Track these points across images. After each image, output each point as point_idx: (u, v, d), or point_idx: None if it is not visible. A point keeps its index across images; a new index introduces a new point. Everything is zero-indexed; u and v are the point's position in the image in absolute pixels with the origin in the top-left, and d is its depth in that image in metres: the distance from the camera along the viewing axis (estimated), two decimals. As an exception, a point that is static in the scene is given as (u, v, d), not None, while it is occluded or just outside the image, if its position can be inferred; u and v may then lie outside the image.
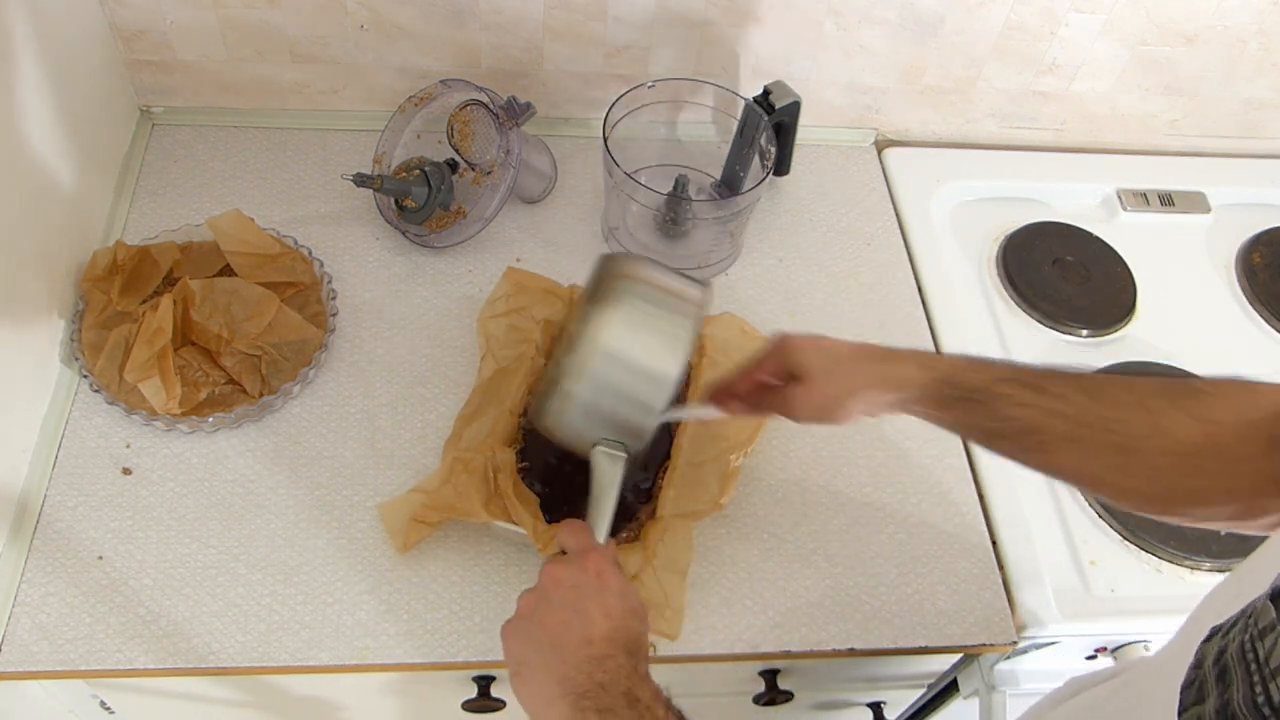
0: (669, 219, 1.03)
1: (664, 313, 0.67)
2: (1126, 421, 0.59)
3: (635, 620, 0.59)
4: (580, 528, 0.64)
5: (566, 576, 0.60)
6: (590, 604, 0.58)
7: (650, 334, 0.66)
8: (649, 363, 0.65)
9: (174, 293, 0.88)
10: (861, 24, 1.07)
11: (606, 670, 0.56)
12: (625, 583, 0.61)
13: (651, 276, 0.69)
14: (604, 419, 0.66)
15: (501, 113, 0.97)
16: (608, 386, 0.65)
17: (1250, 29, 1.11)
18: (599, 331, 0.65)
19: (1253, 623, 0.38)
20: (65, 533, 0.81)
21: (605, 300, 0.66)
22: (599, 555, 0.61)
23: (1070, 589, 0.87)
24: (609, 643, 0.57)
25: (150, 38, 1.02)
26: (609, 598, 0.59)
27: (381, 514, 0.82)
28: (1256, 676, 0.36)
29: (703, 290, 0.70)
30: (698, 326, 0.68)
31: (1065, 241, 1.13)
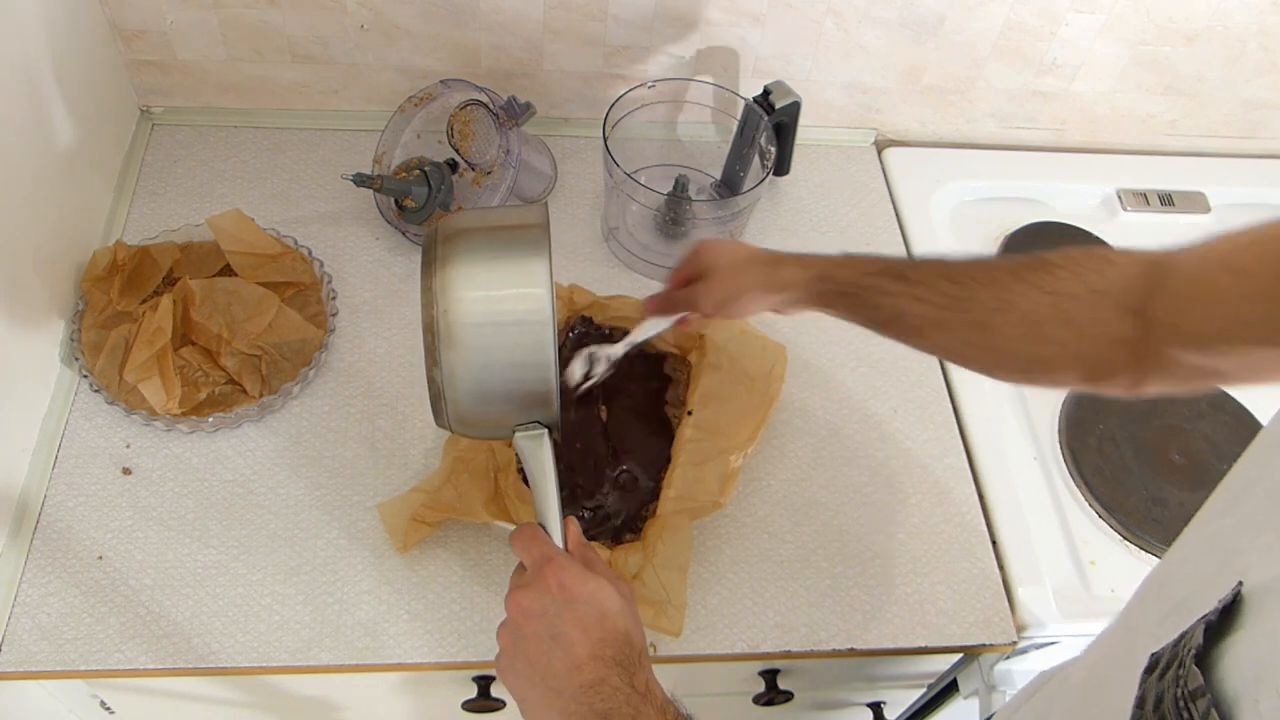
0: (669, 219, 1.03)
1: (501, 257, 0.58)
2: (978, 299, 0.64)
3: (618, 621, 0.56)
4: (529, 536, 0.59)
5: (531, 603, 0.56)
6: (564, 625, 0.55)
7: (496, 285, 0.57)
8: (509, 314, 0.57)
9: (174, 293, 0.88)
10: (861, 24, 1.07)
11: (604, 697, 0.54)
12: (592, 583, 0.57)
13: (471, 224, 0.60)
14: (498, 397, 0.58)
15: (501, 113, 0.97)
16: (478, 362, 0.57)
17: (1250, 29, 1.11)
18: (440, 309, 0.56)
19: (1183, 679, 0.37)
20: (65, 533, 0.81)
21: (432, 272, 0.57)
22: (555, 566, 0.57)
23: (1070, 589, 0.87)
24: (597, 662, 0.55)
25: (150, 38, 1.03)
26: (580, 609, 0.56)
27: (381, 513, 0.82)
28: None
29: (538, 210, 0.61)
30: (542, 250, 0.58)
31: (1065, 242, 1.13)
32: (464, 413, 0.59)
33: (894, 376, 0.98)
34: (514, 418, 0.60)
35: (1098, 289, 0.60)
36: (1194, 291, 0.56)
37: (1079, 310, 0.60)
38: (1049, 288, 0.61)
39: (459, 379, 0.57)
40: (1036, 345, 0.63)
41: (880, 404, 0.96)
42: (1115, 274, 0.60)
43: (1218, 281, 0.55)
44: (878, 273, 0.70)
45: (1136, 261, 0.60)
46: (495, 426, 0.61)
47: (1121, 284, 0.60)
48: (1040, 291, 0.62)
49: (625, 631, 0.56)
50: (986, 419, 0.97)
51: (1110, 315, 0.60)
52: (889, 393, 0.97)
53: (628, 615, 0.57)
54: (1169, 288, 0.57)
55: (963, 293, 0.65)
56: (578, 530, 0.61)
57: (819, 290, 0.73)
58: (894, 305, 0.69)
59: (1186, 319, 0.56)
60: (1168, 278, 0.58)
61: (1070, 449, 0.95)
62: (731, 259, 0.77)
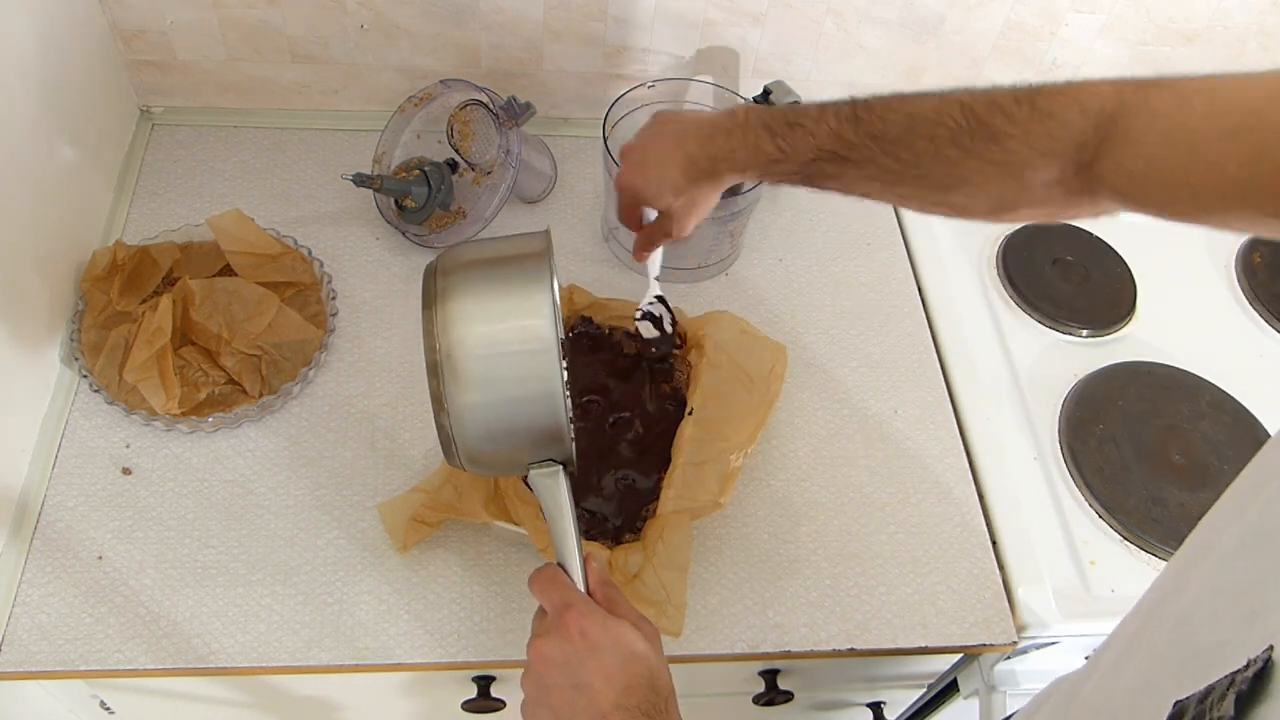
0: (669, 219, 1.03)
1: (501, 293, 0.57)
2: (928, 175, 0.64)
3: (642, 666, 0.55)
4: (549, 579, 0.58)
5: (553, 652, 0.56)
6: (587, 674, 0.54)
7: (497, 320, 0.56)
8: (513, 351, 0.56)
9: (174, 293, 0.88)
10: (861, 24, 1.07)
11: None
12: (615, 629, 0.56)
13: (469, 257, 0.59)
14: (508, 436, 0.57)
15: (501, 113, 0.97)
16: (483, 401, 0.56)
17: (1250, 29, 1.11)
18: (443, 351, 0.55)
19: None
20: (65, 533, 0.81)
21: (432, 311, 0.57)
22: (576, 613, 0.56)
23: (1070, 589, 0.87)
24: (622, 712, 0.54)
25: (150, 38, 1.03)
26: (603, 658, 0.55)
27: (381, 513, 0.82)
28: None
29: (539, 238, 0.60)
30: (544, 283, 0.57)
31: (1065, 241, 1.13)
32: (474, 453, 0.58)
33: (894, 376, 0.98)
34: (526, 456, 0.59)
35: (1048, 151, 0.59)
36: (1153, 171, 0.55)
37: (1030, 174, 0.60)
38: (999, 158, 0.61)
39: (466, 421, 0.56)
40: (994, 209, 0.64)
41: (880, 404, 0.96)
42: (1065, 135, 0.58)
43: (1186, 168, 0.53)
44: (814, 159, 0.68)
45: (1087, 113, 0.58)
46: (508, 465, 0.60)
47: (1073, 144, 0.58)
48: (990, 164, 0.61)
49: (650, 677, 0.55)
50: (986, 419, 0.97)
51: (1057, 173, 0.59)
52: (889, 393, 0.97)
53: (652, 658, 0.56)
54: (1124, 156, 0.56)
55: (909, 170, 0.65)
56: (599, 569, 0.60)
57: (761, 178, 0.73)
58: (841, 186, 0.69)
59: (1140, 192, 0.56)
60: (1124, 145, 0.56)
61: (1070, 449, 0.95)
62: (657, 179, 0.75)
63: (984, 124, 0.61)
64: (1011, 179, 0.61)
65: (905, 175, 0.65)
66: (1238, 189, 0.50)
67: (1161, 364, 1.02)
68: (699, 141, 0.73)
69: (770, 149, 0.70)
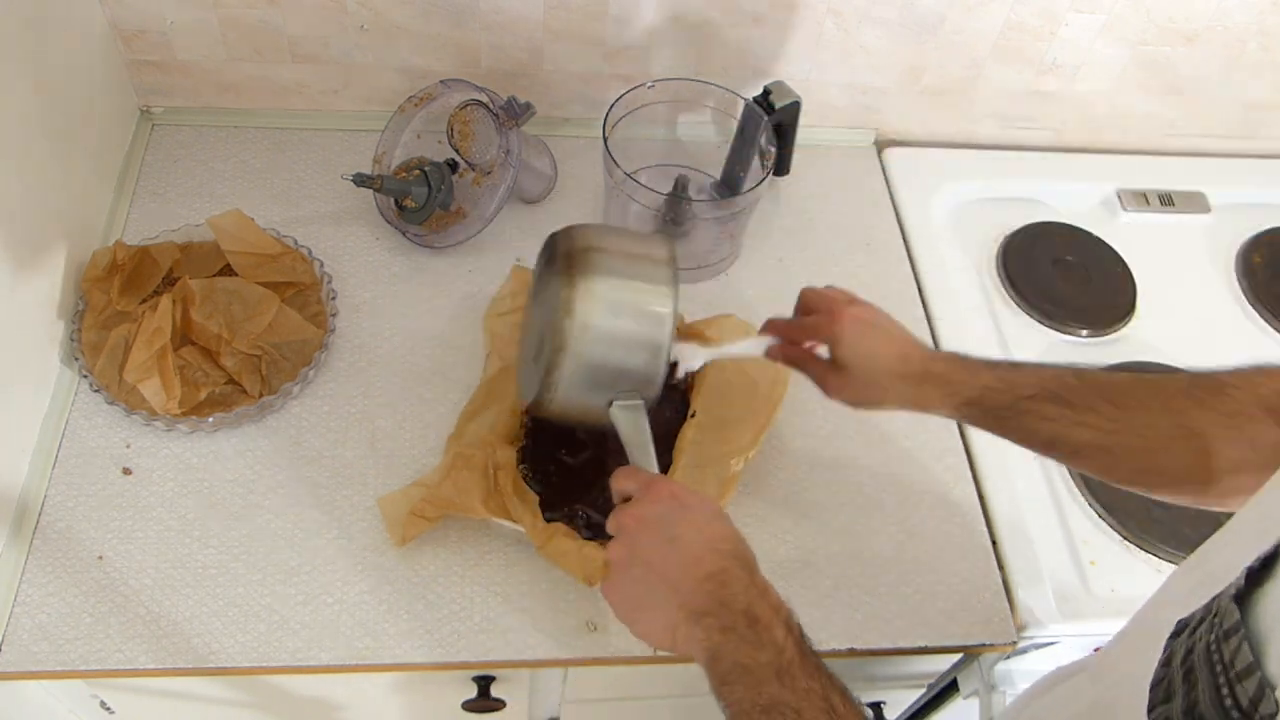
0: (669, 219, 1.03)
1: (641, 278, 0.68)
2: (1154, 426, 0.62)
3: (728, 526, 0.60)
4: (632, 470, 0.65)
5: (647, 512, 0.60)
6: (680, 528, 0.59)
7: (635, 306, 0.67)
8: (643, 333, 0.67)
9: (174, 292, 0.88)
10: (861, 24, 1.07)
11: (725, 585, 0.57)
12: (704, 497, 0.62)
13: (609, 242, 0.69)
14: (607, 384, 0.67)
15: (501, 113, 0.97)
16: (598, 359, 0.66)
17: (1250, 29, 1.11)
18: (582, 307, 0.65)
19: (1218, 623, 0.38)
20: (65, 533, 0.81)
21: (580, 272, 0.66)
22: (664, 482, 0.62)
23: (1070, 589, 0.87)
24: (717, 554, 0.58)
25: (150, 38, 1.03)
26: (694, 514, 0.60)
27: (380, 507, 0.82)
28: (1222, 679, 0.37)
29: (667, 245, 0.71)
30: (674, 282, 0.68)
31: (1065, 241, 1.13)
32: (570, 398, 0.68)
33: (894, 376, 0.98)
34: (606, 399, 0.68)
35: (1273, 405, 0.59)
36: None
37: (1257, 430, 0.59)
38: (1225, 409, 0.60)
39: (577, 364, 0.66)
40: (1213, 470, 0.61)
41: (880, 404, 0.96)
42: (1275, 383, 0.59)
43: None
44: (1034, 396, 0.66)
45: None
46: (594, 405, 0.68)
47: (1276, 390, 0.58)
48: (1217, 414, 0.60)
49: (737, 535, 0.60)
50: (986, 419, 0.97)
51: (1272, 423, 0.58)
52: (889, 393, 0.97)
53: (734, 527, 0.61)
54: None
55: (1132, 419, 0.63)
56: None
57: (969, 416, 0.70)
58: (1053, 430, 0.66)
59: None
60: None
61: (1070, 449, 0.95)
62: (873, 365, 0.72)
63: (1211, 377, 0.62)
64: (1232, 430, 0.59)
65: (1124, 424, 0.63)
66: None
67: (1161, 364, 1.02)
68: (920, 352, 0.72)
69: (988, 378, 0.69)
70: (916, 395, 0.71)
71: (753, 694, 0.54)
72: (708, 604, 0.57)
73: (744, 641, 0.55)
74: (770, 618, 0.56)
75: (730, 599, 0.57)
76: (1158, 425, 0.62)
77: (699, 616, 0.57)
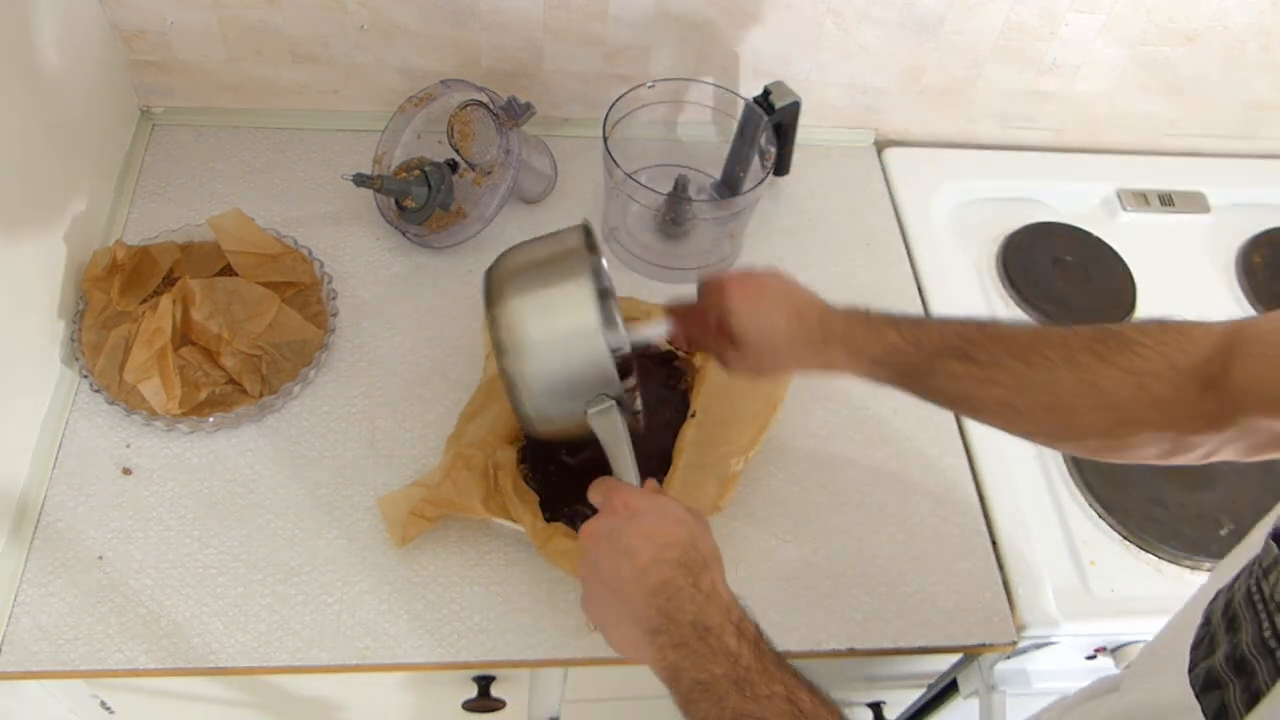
0: (669, 219, 1.03)
1: (549, 281, 0.69)
2: (1058, 381, 0.62)
3: (680, 527, 0.59)
4: (605, 482, 0.65)
5: (600, 526, 0.61)
6: (629, 538, 0.59)
7: (550, 309, 0.68)
8: (568, 327, 0.67)
9: (174, 292, 0.88)
10: (861, 24, 1.07)
11: (671, 598, 0.56)
12: (657, 499, 0.61)
13: (520, 259, 0.71)
14: (570, 392, 0.68)
15: (501, 113, 0.97)
16: (548, 372, 0.67)
17: (1250, 29, 1.11)
18: (506, 336, 0.67)
19: (1257, 566, 0.38)
20: (65, 533, 0.81)
21: (494, 303, 0.69)
22: (623, 490, 0.62)
23: (1070, 589, 0.87)
24: (660, 564, 0.57)
25: (150, 38, 1.03)
26: (645, 521, 0.59)
27: (380, 507, 0.82)
28: (1264, 614, 0.37)
29: (577, 232, 0.71)
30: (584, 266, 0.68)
31: (1065, 241, 1.13)
32: (542, 416, 0.69)
33: (894, 376, 0.98)
34: (585, 402, 0.68)
35: (1180, 365, 0.59)
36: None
37: (1164, 389, 0.59)
38: (1132, 367, 0.60)
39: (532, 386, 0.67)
40: (1119, 425, 0.61)
41: (880, 404, 0.96)
42: (1195, 349, 0.59)
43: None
44: (939, 353, 0.66)
45: (1214, 332, 0.59)
46: (571, 416, 0.68)
47: (1202, 357, 0.58)
48: (1123, 371, 0.60)
49: (690, 535, 0.59)
50: (986, 419, 0.97)
51: (1193, 392, 0.58)
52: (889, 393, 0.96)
53: (694, 525, 0.60)
54: (1251, 354, 0.56)
55: (1037, 375, 0.63)
56: (653, 482, 0.66)
57: (875, 375, 0.70)
58: (959, 389, 0.66)
59: (1271, 385, 0.55)
60: (1249, 344, 0.57)
61: (1070, 449, 0.95)
62: (767, 324, 0.72)
63: (1117, 333, 0.62)
64: (1140, 390, 0.59)
65: (1031, 382, 0.63)
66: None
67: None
68: (817, 311, 0.71)
69: (893, 337, 0.68)
70: (820, 358, 0.71)
71: (716, 710, 0.53)
72: (658, 620, 0.56)
73: (698, 656, 0.55)
74: (721, 624, 0.55)
75: (676, 612, 0.56)
76: (1063, 381, 0.62)
77: (653, 635, 0.56)
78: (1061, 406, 0.62)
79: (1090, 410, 0.61)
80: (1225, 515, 0.92)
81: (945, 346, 0.66)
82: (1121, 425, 0.61)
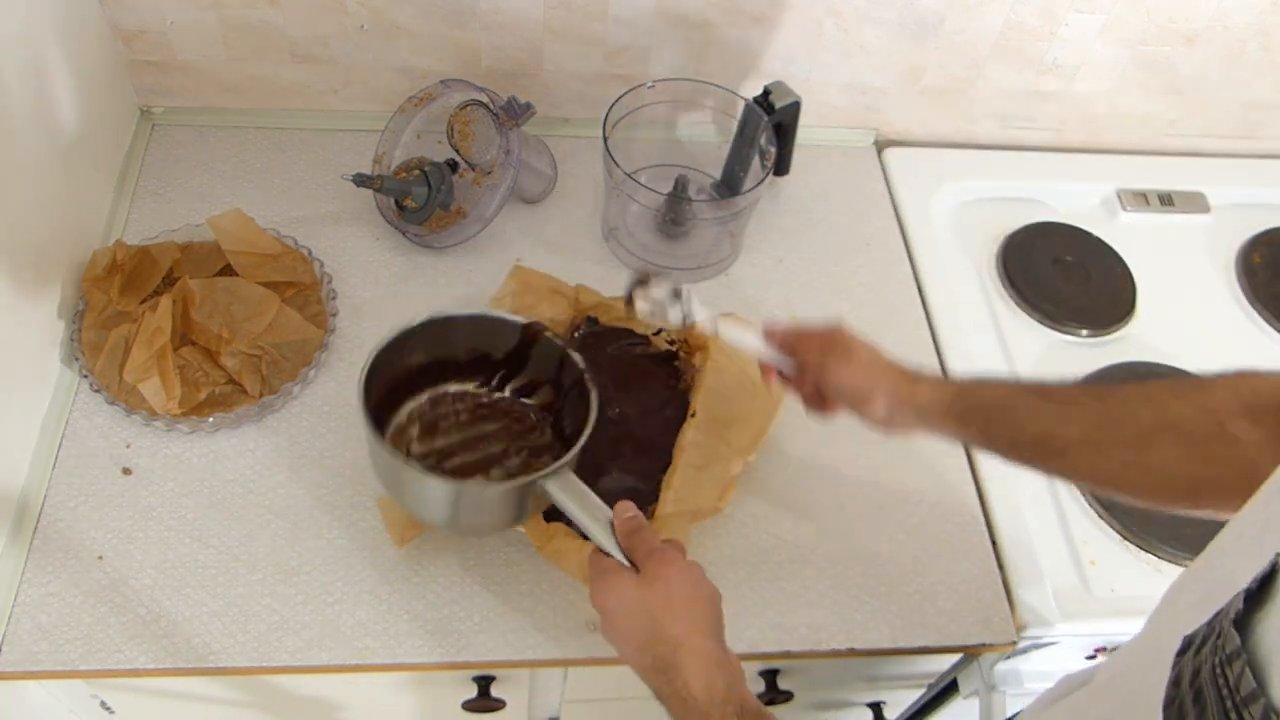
0: (669, 219, 1.03)
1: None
2: (1136, 417, 0.62)
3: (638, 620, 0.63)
4: (590, 559, 0.69)
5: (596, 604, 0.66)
6: (612, 635, 0.66)
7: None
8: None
9: (173, 292, 0.88)
10: (861, 24, 1.07)
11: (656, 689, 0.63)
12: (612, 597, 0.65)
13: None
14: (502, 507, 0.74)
15: (501, 113, 0.97)
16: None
17: (1250, 29, 1.11)
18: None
19: (1220, 646, 0.38)
20: (65, 533, 0.81)
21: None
22: (594, 594, 0.66)
23: (1070, 589, 0.87)
24: (638, 663, 0.64)
25: (150, 38, 1.03)
26: (618, 623, 0.65)
27: (380, 507, 0.82)
28: (1229, 703, 0.37)
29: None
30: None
31: (1065, 241, 1.13)
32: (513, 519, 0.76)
33: (894, 376, 0.98)
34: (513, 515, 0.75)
35: (1256, 405, 0.59)
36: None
37: (1242, 428, 0.58)
38: (1209, 405, 0.60)
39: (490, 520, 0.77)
40: (1199, 465, 0.60)
41: (880, 404, 0.96)
42: (1269, 389, 0.59)
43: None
44: (1020, 392, 0.68)
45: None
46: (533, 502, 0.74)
47: (1277, 398, 0.58)
48: (1201, 410, 0.60)
49: (649, 627, 0.63)
50: (986, 419, 0.96)
51: (1271, 433, 0.58)
52: (889, 393, 0.97)
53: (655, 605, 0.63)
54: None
55: (1115, 411, 0.63)
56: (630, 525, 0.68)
57: (956, 409, 0.70)
58: (1040, 426, 0.66)
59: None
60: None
61: (1070, 449, 0.95)
62: (871, 357, 0.74)
63: (1192, 377, 0.64)
64: (1223, 432, 0.59)
65: (1109, 418, 0.63)
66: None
67: (1162, 364, 1.02)
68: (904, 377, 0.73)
69: (971, 382, 0.72)
70: (910, 389, 0.72)
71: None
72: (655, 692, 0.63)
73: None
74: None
75: (664, 699, 0.62)
76: (1142, 417, 0.62)
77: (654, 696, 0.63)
78: (1140, 443, 0.62)
79: (1169, 446, 0.61)
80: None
81: (1024, 388, 0.68)
82: (1201, 463, 0.60)
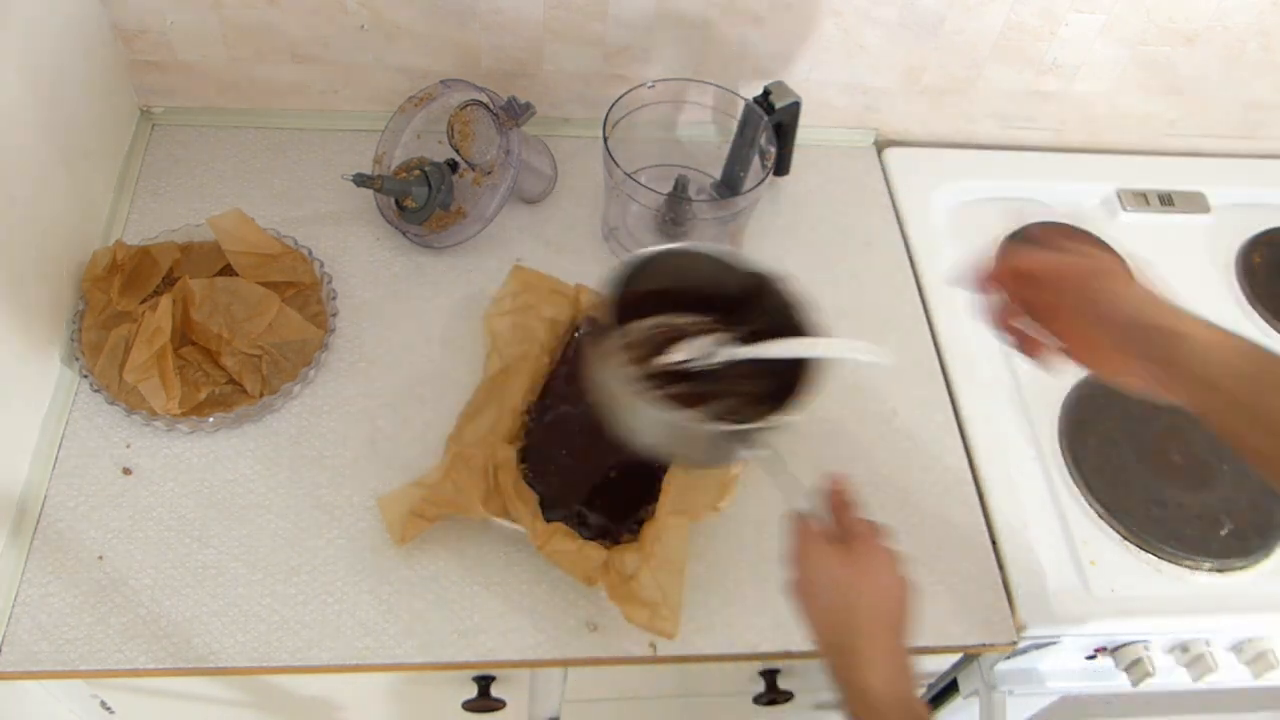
0: (669, 219, 1.03)
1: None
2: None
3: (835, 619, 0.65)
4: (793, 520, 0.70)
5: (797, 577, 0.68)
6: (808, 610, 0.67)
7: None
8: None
9: (173, 292, 0.88)
10: (861, 24, 1.07)
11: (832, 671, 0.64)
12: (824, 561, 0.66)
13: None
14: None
15: (501, 113, 0.97)
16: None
17: (1250, 29, 1.11)
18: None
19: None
20: (65, 533, 0.81)
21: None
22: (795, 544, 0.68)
23: (1070, 589, 0.87)
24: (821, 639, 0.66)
25: (150, 38, 1.03)
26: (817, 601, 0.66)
27: (380, 506, 0.82)
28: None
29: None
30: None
31: (1065, 241, 1.13)
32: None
33: (894, 376, 0.98)
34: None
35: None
36: None
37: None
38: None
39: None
40: None
41: (880, 404, 0.96)
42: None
43: None
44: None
45: None
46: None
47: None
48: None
49: (845, 608, 0.64)
50: (986, 419, 0.97)
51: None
52: (889, 393, 0.97)
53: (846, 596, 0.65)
54: None
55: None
56: (843, 498, 0.71)
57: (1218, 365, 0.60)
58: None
59: None
60: None
61: (1070, 449, 0.95)
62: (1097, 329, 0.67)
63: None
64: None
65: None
66: None
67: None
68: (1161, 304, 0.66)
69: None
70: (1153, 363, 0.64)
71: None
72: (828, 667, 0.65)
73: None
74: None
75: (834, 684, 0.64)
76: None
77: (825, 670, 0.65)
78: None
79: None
80: (1225, 515, 0.92)
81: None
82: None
